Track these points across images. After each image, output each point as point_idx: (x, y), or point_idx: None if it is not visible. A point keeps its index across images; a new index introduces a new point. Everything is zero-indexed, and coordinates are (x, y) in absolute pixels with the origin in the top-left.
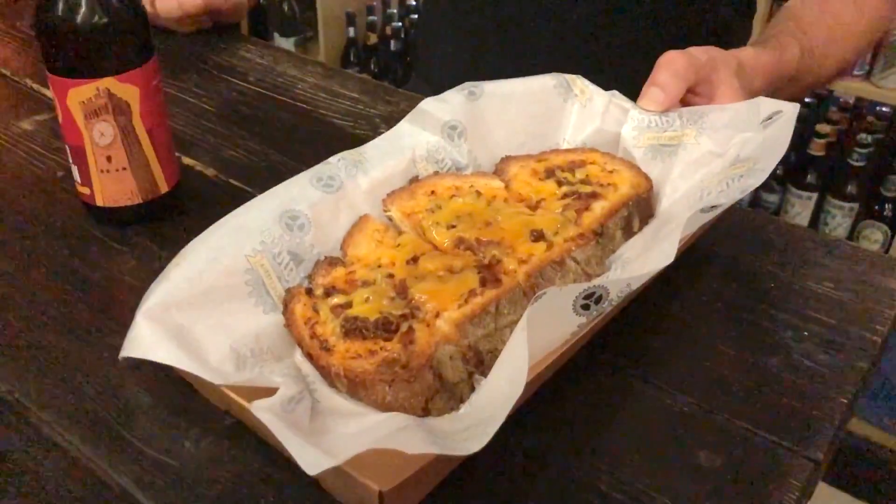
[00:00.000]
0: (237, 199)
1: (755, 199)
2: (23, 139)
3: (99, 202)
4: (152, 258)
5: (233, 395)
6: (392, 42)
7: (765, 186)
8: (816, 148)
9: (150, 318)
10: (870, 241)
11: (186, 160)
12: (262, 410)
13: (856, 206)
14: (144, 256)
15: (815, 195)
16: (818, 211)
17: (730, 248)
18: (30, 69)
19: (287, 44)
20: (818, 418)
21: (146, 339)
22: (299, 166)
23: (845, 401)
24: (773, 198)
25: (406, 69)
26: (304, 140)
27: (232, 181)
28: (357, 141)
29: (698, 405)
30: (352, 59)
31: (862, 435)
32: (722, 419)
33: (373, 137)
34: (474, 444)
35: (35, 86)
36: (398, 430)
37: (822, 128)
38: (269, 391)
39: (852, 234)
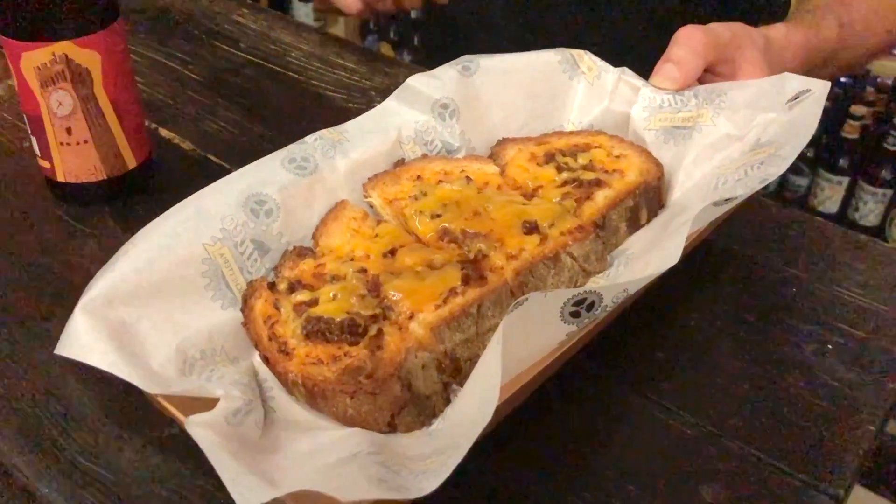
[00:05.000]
0: (213, 176)
1: (782, 182)
2: None
3: (60, 177)
4: (115, 240)
5: (169, 405)
6: (412, 10)
7: (794, 170)
8: (850, 130)
9: (89, 312)
10: None
11: (164, 132)
12: (198, 426)
13: (889, 192)
14: (106, 238)
15: (846, 180)
16: (849, 196)
17: (747, 247)
18: None
19: (306, 9)
20: (841, 448)
21: (82, 338)
22: (284, 142)
23: (873, 428)
24: (802, 181)
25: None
26: (292, 113)
27: (210, 156)
28: (349, 115)
29: (704, 428)
30: (371, 26)
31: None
32: (731, 446)
33: (367, 110)
34: (430, 480)
35: None
36: (350, 458)
37: (858, 109)
38: (215, 401)
39: (884, 221)
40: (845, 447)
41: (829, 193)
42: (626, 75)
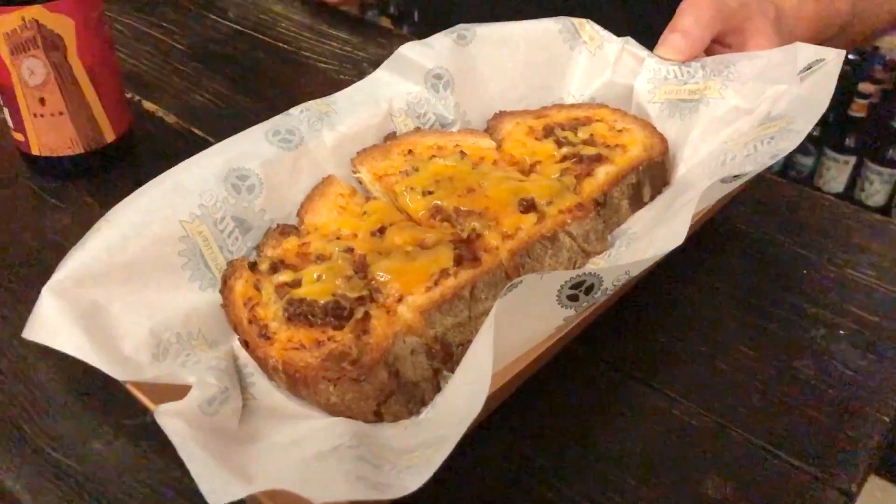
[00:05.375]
0: (197, 150)
1: (787, 161)
2: None
3: (35, 150)
4: (91, 217)
5: (139, 393)
6: None
7: (799, 149)
8: (857, 109)
9: (57, 294)
10: None
11: (147, 104)
12: (169, 416)
13: None
14: (82, 215)
15: (853, 159)
16: (855, 176)
17: (754, 225)
18: None
19: None
20: (853, 439)
21: (48, 321)
22: (272, 115)
23: (887, 418)
24: (807, 161)
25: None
26: (281, 85)
27: (194, 130)
28: (341, 87)
29: (708, 417)
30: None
31: None
32: (736, 436)
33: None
34: (414, 477)
35: None
36: (329, 452)
37: (865, 87)
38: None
39: (891, 201)
40: (858, 439)
41: (835, 173)
42: (630, 45)
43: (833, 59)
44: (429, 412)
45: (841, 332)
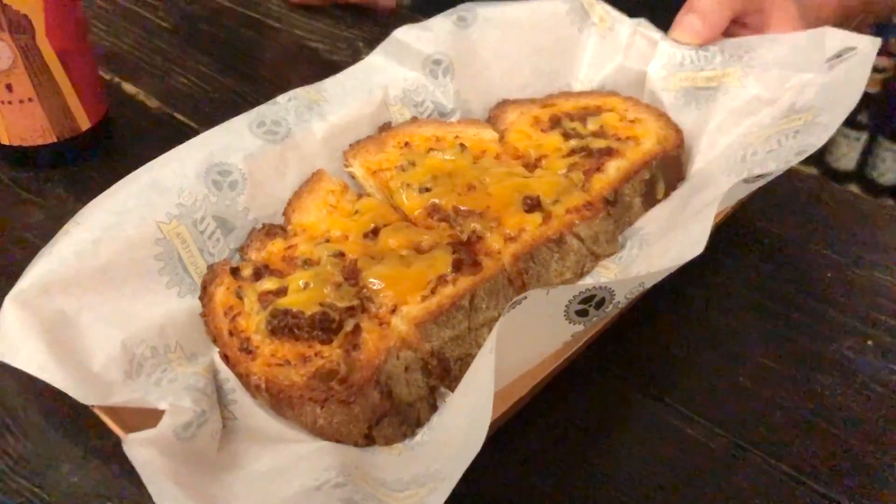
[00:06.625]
0: (180, 138)
1: None
2: None
3: (4, 140)
4: (65, 212)
5: (106, 419)
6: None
7: None
8: (870, 83)
9: (21, 304)
10: None
11: (127, 87)
12: (140, 445)
13: None
14: (55, 209)
15: (864, 135)
16: (866, 154)
17: (773, 222)
18: None
19: None
20: (884, 464)
21: (9, 335)
22: (260, 99)
23: None
24: None
25: None
26: (270, 66)
27: (177, 115)
28: (334, 68)
29: (726, 438)
30: None
31: None
32: (757, 460)
33: (353, 63)
34: None
35: None
36: (312, 492)
37: (880, 61)
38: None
39: None
40: (890, 465)
41: (846, 150)
42: (643, 27)
43: (866, 48)
44: (424, 434)
45: (869, 343)
